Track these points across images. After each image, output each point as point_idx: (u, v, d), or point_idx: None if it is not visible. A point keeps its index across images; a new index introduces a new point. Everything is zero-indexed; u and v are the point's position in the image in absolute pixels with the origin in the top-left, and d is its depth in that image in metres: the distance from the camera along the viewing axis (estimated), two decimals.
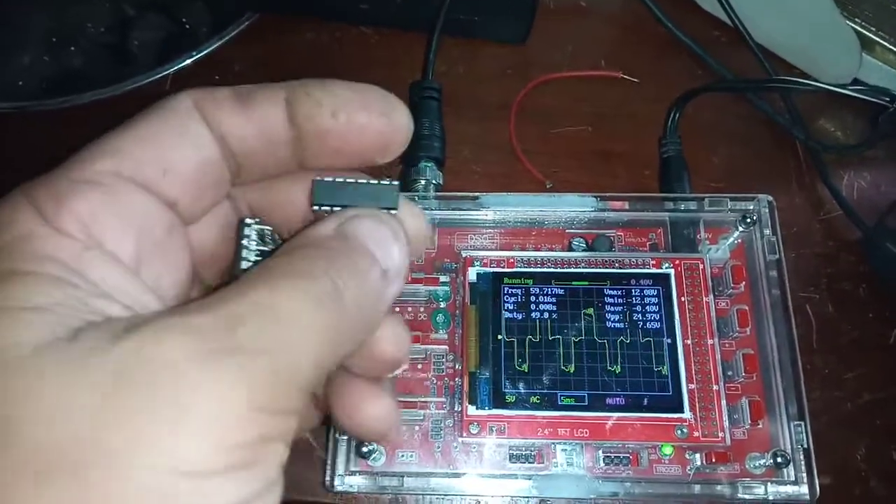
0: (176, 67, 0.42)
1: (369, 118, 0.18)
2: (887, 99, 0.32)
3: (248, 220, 0.19)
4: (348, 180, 0.18)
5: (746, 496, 0.30)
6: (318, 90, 0.19)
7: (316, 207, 0.18)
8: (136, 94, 0.42)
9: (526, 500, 0.32)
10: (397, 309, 0.34)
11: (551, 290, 0.33)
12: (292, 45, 0.43)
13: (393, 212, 0.18)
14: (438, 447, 0.32)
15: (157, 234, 0.18)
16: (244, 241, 0.18)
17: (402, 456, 0.32)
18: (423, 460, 0.32)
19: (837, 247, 0.38)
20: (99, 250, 0.16)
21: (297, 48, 0.43)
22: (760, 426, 0.31)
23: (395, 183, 0.19)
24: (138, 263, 0.17)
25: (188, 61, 0.43)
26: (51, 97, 0.42)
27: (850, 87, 0.32)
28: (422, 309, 0.34)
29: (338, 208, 0.18)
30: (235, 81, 0.43)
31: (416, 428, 0.32)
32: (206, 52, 0.43)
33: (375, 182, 0.18)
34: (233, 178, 0.19)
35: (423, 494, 0.31)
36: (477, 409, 0.31)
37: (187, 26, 0.44)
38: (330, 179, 0.18)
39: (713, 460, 0.30)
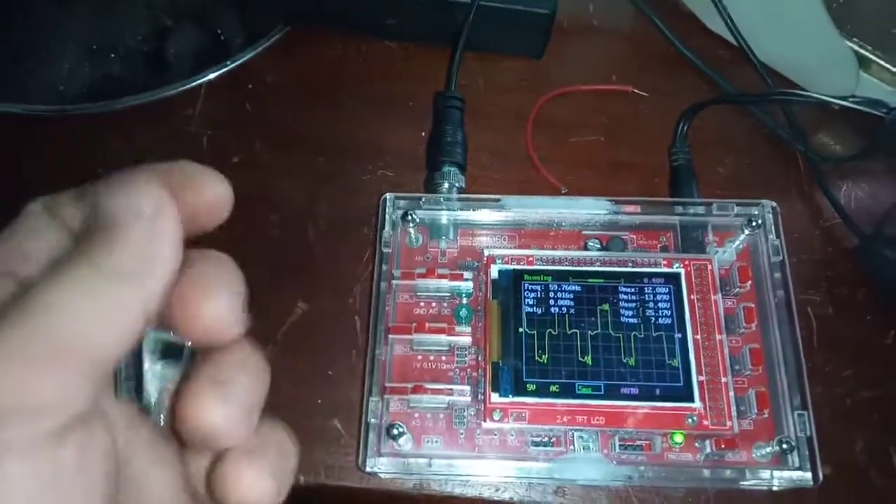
0: (210, 76, 0.45)
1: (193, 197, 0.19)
2: (884, 110, 0.34)
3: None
4: None
5: (753, 481, 0.32)
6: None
7: None
8: (172, 101, 0.44)
9: (544, 484, 0.34)
10: (422, 305, 0.36)
11: (569, 287, 0.35)
12: (321, 57, 0.46)
13: None
14: (462, 433, 0.34)
15: None
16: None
17: (428, 441, 0.33)
18: (448, 445, 0.33)
19: (836, 252, 0.40)
20: None
21: (326, 60, 0.46)
22: (766, 416, 0.33)
23: None
24: None
25: (222, 71, 0.45)
26: (90, 101, 0.44)
27: (849, 99, 0.35)
28: (445, 304, 0.36)
29: None
30: (266, 91, 0.46)
31: (441, 415, 0.34)
32: (238, 62, 0.45)
33: None
34: None
35: (448, 475, 0.33)
36: (500, 396, 0.33)
37: (222, 37, 0.46)
38: None
39: (722, 446, 0.32)
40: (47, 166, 0.43)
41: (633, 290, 0.35)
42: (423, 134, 0.43)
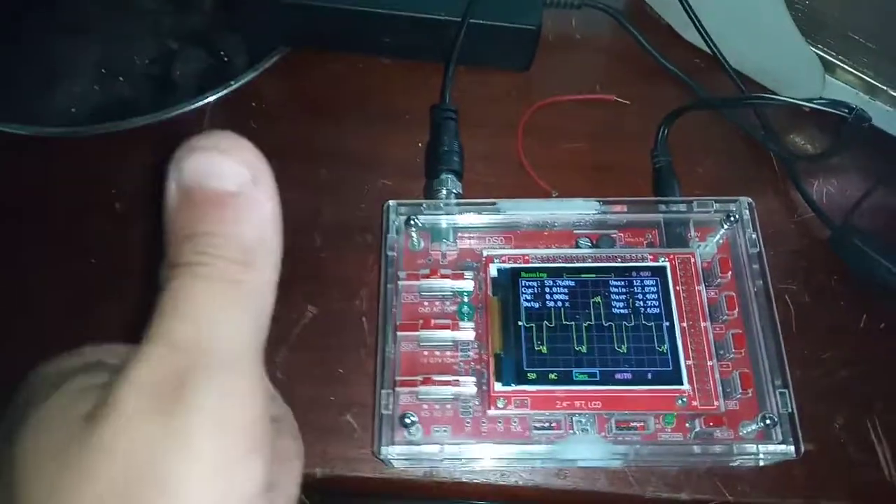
0: (215, 96, 0.47)
1: None
2: (846, 110, 0.37)
3: None
4: None
5: (740, 456, 0.34)
6: None
7: None
8: (179, 120, 0.46)
9: (546, 467, 0.36)
10: (426, 304, 0.39)
11: (563, 282, 0.37)
12: (321, 76, 0.48)
13: None
14: (468, 422, 0.36)
15: None
16: None
17: (437, 430, 0.36)
18: (455, 433, 0.36)
19: (810, 244, 0.43)
20: None
21: (325, 78, 0.48)
22: (750, 395, 0.36)
23: None
24: None
25: (226, 91, 0.47)
26: (100, 123, 0.46)
27: (815, 101, 0.38)
28: (448, 302, 0.39)
29: None
30: (269, 108, 0.49)
31: (448, 405, 0.36)
32: (242, 82, 0.47)
33: None
34: None
35: (458, 459, 0.35)
36: (503, 385, 0.35)
37: (225, 59, 0.48)
38: None
39: (710, 424, 0.35)
40: (61, 185, 0.45)
41: (622, 283, 0.37)
42: (420, 144, 0.45)
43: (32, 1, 0.50)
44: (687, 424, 0.36)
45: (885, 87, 0.44)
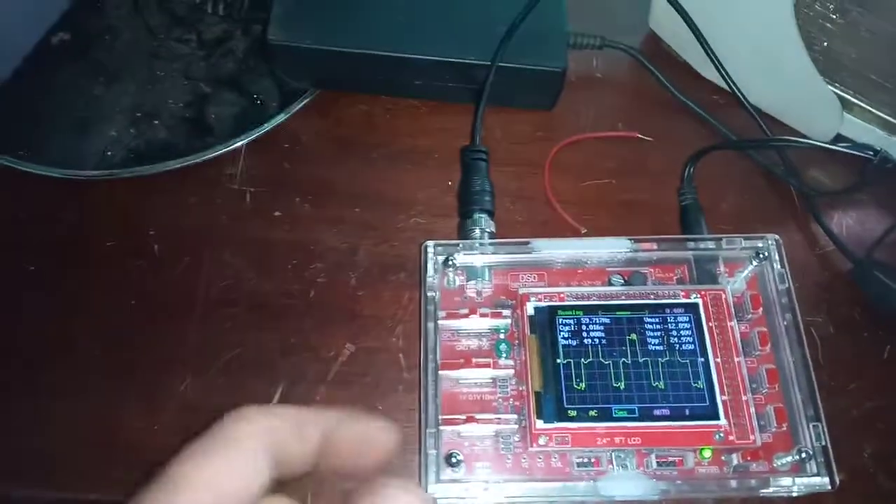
0: (249, 138, 0.48)
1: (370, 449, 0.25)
2: (870, 153, 0.38)
3: None
4: None
5: (775, 488, 0.35)
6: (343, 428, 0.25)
7: None
8: (214, 162, 0.48)
9: (587, 501, 0.37)
10: (463, 341, 0.40)
11: (599, 320, 0.38)
12: (350, 117, 0.49)
13: None
14: (509, 459, 0.37)
15: None
16: None
17: (479, 467, 0.37)
18: (497, 470, 0.36)
19: (833, 277, 0.44)
20: None
21: (355, 119, 0.49)
22: (784, 429, 0.37)
23: None
24: None
25: (259, 132, 0.48)
26: (136, 165, 0.47)
27: (840, 144, 0.39)
28: (484, 340, 0.40)
29: None
30: (302, 149, 0.50)
31: (488, 442, 0.37)
32: (275, 124, 0.49)
33: None
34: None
35: (503, 499, 0.36)
36: (544, 423, 0.36)
37: (258, 101, 0.49)
38: None
39: (748, 458, 0.36)
40: (99, 227, 0.45)
41: (657, 319, 0.38)
42: (450, 183, 0.47)
43: (68, 46, 0.51)
44: (723, 458, 0.36)
45: None
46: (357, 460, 0.25)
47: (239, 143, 0.48)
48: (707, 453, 0.36)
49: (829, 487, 0.35)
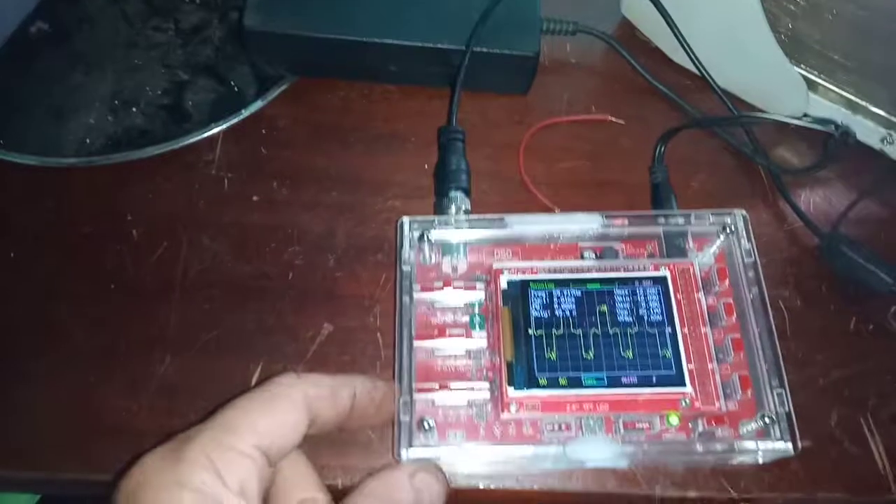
0: (226, 124, 0.49)
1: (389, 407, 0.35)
2: (832, 127, 0.39)
3: None
4: None
5: (741, 454, 0.36)
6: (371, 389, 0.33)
7: None
8: (192, 148, 0.48)
9: (558, 470, 0.38)
10: (438, 314, 0.40)
11: (570, 293, 0.39)
12: (327, 102, 0.50)
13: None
14: (482, 426, 0.37)
15: (266, 486, 0.27)
16: None
17: (451, 434, 0.37)
18: (470, 437, 0.37)
19: (801, 252, 0.45)
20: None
21: (332, 105, 0.50)
22: (749, 396, 0.38)
23: None
24: None
25: (237, 119, 0.49)
26: (115, 152, 0.48)
27: (803, 118, 0.40)
28: (459, 313, 0.40)
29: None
30: (279, 135, 0.51)
31: (461, 411, 0.38)
32: (252, 110, 0.49)
33: None
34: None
35: (473, 462, 0.36)
36: (515, 390, 0.37)
37: (236, 88, 0.50)
38: None
39: (712, 423, 0.36)
40: (78, 214, 0.46)
41: (626, 292, 0.39)
42: (426, 166, 0.47)
43: (46, 35, 0.52)
44: (690, 424, 0.37)
45: (864, 104, 0.46)
46: (374, 419, 0.34)
47: (217, 130, 0.48)
48: (674, 419, 0.37)
49: (793, 452, 0.36)
